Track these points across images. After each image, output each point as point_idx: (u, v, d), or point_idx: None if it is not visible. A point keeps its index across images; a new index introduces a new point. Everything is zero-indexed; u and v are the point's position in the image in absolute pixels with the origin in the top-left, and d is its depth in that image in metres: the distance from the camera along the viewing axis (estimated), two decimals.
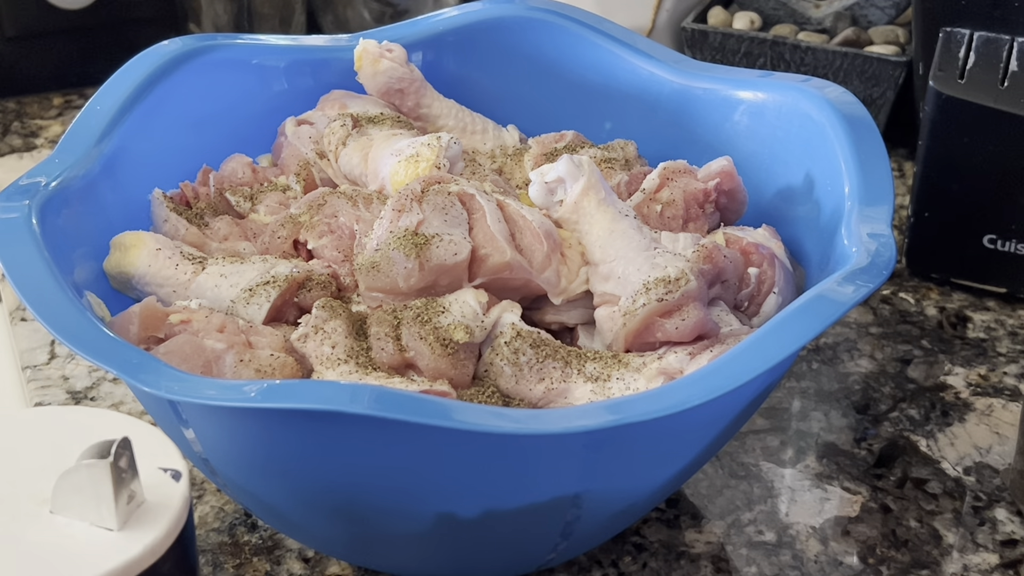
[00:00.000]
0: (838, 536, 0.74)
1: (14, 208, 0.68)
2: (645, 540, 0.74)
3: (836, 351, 0.90)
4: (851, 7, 1.17)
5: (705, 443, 0.66)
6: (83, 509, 0.56)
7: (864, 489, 0.78)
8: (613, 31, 0.90)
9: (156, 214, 0.78)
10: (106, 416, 0.63)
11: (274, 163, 0.86)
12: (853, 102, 0.78)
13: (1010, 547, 0.74)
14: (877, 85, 1.09)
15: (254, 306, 0.71)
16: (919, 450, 0.81)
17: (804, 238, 0.77)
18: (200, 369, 0.66)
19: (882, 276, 0.64)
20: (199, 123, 0.85)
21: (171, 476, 0.59)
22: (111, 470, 0.54)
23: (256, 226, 0.78)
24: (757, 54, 1.13)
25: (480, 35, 0.92)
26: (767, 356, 0.59)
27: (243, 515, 0.75)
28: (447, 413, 0.55)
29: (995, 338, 0.92)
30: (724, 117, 0.84)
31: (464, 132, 0.87)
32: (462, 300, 0.68)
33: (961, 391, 0.86)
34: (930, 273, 0.97)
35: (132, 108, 0.79)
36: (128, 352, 0.60)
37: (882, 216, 0.69)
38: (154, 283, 0.73)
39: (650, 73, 0.87)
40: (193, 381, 0.59)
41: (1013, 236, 0.92)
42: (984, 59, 0.92)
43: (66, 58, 1.25)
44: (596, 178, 0.72)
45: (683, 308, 0.68)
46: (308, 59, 0.89)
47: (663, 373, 0.67)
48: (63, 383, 0.86)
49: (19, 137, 1.18)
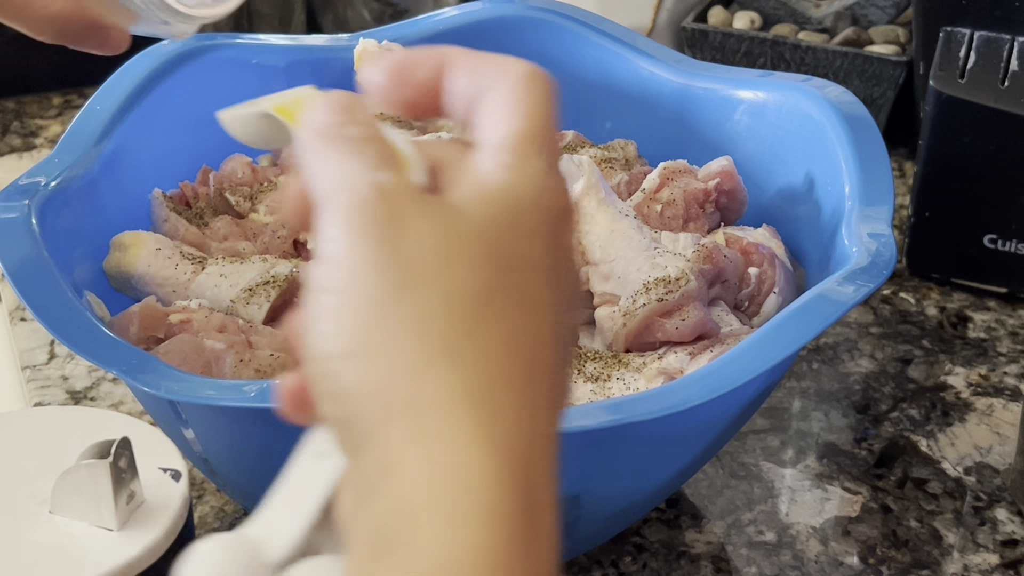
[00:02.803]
0: (838, 536, 0.74)
1: (14, 208, 0.68)
2: (645, 540, 0.74)
3: (836, 351, 0.90)
4: (851, 7, 1.17)
5: (705, 443, 0.66)
6: (83, 509, 0.56)
7: (864, 489, 0.78)
8: (613, 31, 0.90)
9: (156, 214, 0.78)
10: (106, 416, 0.63)
11: (274, 163, 0.86)
12: (853, 102, 0.78)
13: (1011, 547, 0.74)
14: (877, 85, 1.09)
15: (254, 306, 0.71)
16: (919, 450, 0.81)
17: (804, 238, 0.77)
18: (200, 369, 0.66)
19: (882, 276, 0.64)
20: (199, 123, 0.84)
21: (171, 476, 0.59)
22: (111, 470, 0.54)
23: (256, 226, 0.78)
24: (757, 54, 1.13)
25: (480, 35, 0.91)
26: (767, 356, 0.59)
27: (243, 515, 0.75)
28: None
29: (995, 338, 0.92)
30: (724, 117, 0.84)
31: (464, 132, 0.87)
32: None
33: (961, 391, 0.86)
34: (930, 273, 0.97)
35: (132, 108, 0.79)
36: (128, 352, 0.60)
37: (882, 216, 0.69)
38: (154, 283, 0.73)
39: (650, 73, 0.87)
40: (193, 381, 0.59)
41: (1014, 236, 0.92)
42: (984, 59, 0.92)
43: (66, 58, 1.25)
44: (596, 178, 0.72)
45: (683, 308, 0.68)
46: (308, 59, 0.89)
47: (663, 373, 0.67)
48: (63, 383, 0.86)
49: (19, 137, 1.18)
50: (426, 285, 0.35)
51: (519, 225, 0.37)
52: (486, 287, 0.36)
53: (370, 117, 0.39)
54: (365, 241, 0.35)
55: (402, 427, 0.34)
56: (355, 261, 0.35)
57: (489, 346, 0.35)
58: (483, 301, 0.36)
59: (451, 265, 0.36)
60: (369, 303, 0.35)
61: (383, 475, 0.34)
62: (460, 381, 0.34)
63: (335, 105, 0.38)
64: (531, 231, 0.37)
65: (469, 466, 0.33)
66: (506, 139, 0.39)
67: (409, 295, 0.35)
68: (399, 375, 0.34)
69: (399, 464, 0.34)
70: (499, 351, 0.35)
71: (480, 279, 0.36)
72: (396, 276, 0.35)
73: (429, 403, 0.34)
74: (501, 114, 0.39)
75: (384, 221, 0.36)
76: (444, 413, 0.34)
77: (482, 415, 0.34)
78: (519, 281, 0.37)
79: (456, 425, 0.34)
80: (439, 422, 0.34)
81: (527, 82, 0.40)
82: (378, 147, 0.38)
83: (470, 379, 0.35)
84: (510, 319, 0.36)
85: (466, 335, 0.35)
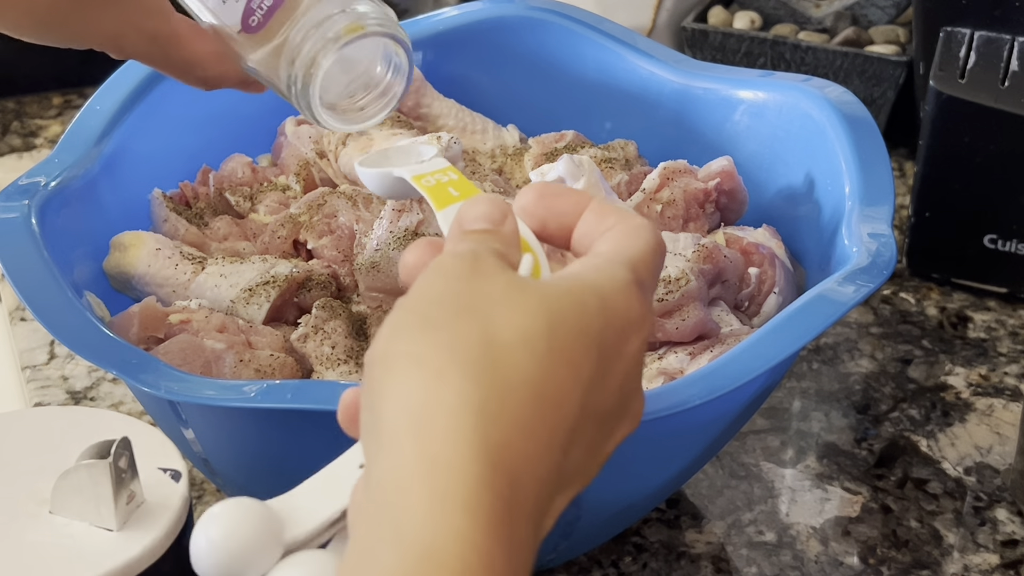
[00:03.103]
0: (838, 536, 0.74)
1: (14, 208, 0.68)
2: (645, 540, 0.74)
3: (836, 351, 0.90)
4: (852, 7, 1.17)
5: (705, 443, 0.66)
6: (83, 509, 0.56)
7: (865, 489, 0.78)
8: (613, 31, 0.90)
9: (156, 214, 0.78)
10: (106, 416, 0.63)
11: (274, 163, 0.86)
12: (854, 102, 0.78)
13: (1011, 547, 0.74)
14: (878, 85, 1.09)
15: (254, 306, 0.71)
16: (920, 450, 0.81)
17: (804, 238, 0.77)
18: (200, 369, 0.66)
19: (882, 276, 0.64)
20: (199, 123, 0.84)
21: (171, 476, 0.59)
22: (111, 470, 0.54)
23: (256, 226, 0.78)
24: (757, 54, 1.13)
25: (480, 35, 0.91)
26: (767, 356, 0.59)
27: None
28: None
29: (996, 338, 0.92)
30: (724, 117, 0.84)
31: (464, 132, 0.87)
32: None
33: (962, 391, 0.86)
34: (931, 273, 0.97)
35: (132, 108, 0.79)
36: (128, 352, 0.60)
37: (882, 216, 0.69)
38: (154, 283, 0.73)
39: (650, 73, 0.87)
40: (193, 381, 0.59)
41: (1014, 236, 0.92)
42: (985, 59, 0.92)
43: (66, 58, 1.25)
44: (596, 178, 0.72)
45: (683, 308, 0.68)
46: None
47: (663, 373, 0.67)
48: (63, 383, 0.86)
49: (19, 137, 1.18)
50: (475, 318, 0.40)
51: (584, 309, 0.42)
52: (533, 334, 0.40)
53: (515, 235, 0.46)
54: (439, 277, 0.42)
55: (411, 427, 0.38)
56: (425, 289, 0.42)
57: (515, 378, 0.39)
58: (525, 342, 0.40)
59: (505, 309, 0.40)
60: (417, 325, 0.40)
61: (388, 470, 0.38)
62: (477, 394, 0.38)
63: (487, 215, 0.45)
64: (595, 315, 0.42)
65: (461, 463, 0.37)
66: (606, 252, 0.45)
67: (457, 322, 0.40)
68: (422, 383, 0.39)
69: (400, 455, 0.38)
70: (523, 388, 0.39)
71: (530, 326, 0.40)
72: (452, 307, 0.41)
73: (440, 406, 0.38)
74: (612, 239, 0.45)
75: (465, 271, 0.42)
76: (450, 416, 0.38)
77: (483, 426, 0.38)
78: (567, 345, 0.41)
79: (457, 430, 0.38)
80: (444, 423, 0.38)
81: (645, 227, 0.46)
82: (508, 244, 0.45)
83: (485, 394, 0.38)
84: (542, 367, 0.40)
85: (494, 363, 0.39)
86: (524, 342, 0.40)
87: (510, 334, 0.40)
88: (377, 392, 0.40)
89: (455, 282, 0.41)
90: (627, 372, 0.43)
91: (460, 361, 0.39)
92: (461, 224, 0.46)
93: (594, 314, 0.42)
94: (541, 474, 0.39)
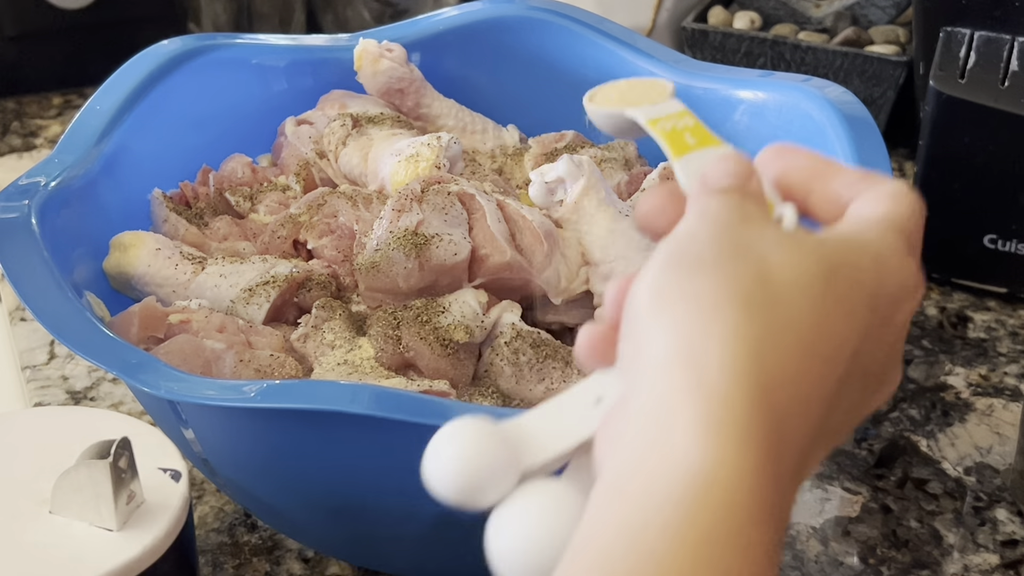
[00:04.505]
0: (838, 536, 0.74)
1: (14, 208, 0.68)
2: None
3: None
4: (851, 7, 1.17)
5: None
6: (83, 509, 0.56)
7: (864, 489, 0.78)
8: (613, 31, 0.90)
9: (156, 214, 0.78)
10: (106, 416, 0.63)
11: (274, 163, 0.86)
12: (854, 102, 0.78)
13: (1011, 547, 0.74)
14: (878, 85, 1.09)
15: (254, 306, 0.71)
16: (919, 450, 0.81)
17: None
18: (200, 369, 0.66)
19: None
20: (199, 123, 0.84)
21: (171, 476, 0.59)
22: (111, 470, 0.54)
23: (256, 226, 0.78)
24: (757, 54, 1.13)
25: (480, 35, 0.91)
26: None
27: (243, 515, 0.75)
28: (447, 413, 0.55)
29: (996, 338, 0.92)
30: (725, 117, 0.84)
31: (464, 132, 0.87)
32: (462, 300, 0.68)
33: (962, 391, 0.86)
34: (930, 273, 0.97)
35: (132, 108, 0.79)
36: (128, 352, 0.60)
37: None
38: (154, 283, 0.73)
39: (650, 73, 0.87)
40: (193, 381, 0.59)
41: (1014, 236, 0.92)
42: (985, 59, 0.92)
43: (66, 58, 1.25)
44: (596, 178, 0.72)
45: None
46: (308, 59, 0.89)
47: None
48: (63, 383, 0.86)
49: (19, 137, 1.18)
50: (750, 258, 0.39)
51: (859, 264, 0.41)
52: (811, 277, 0.39)
53: (761, 192, 0.44)
54: (706, 221, 0.41)
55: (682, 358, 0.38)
56: (693, 231, 0.41)
57: (791, 318, 0.38)
58: (801, 284, 0.39)
59: (780, 251, 0.40)
60: (689, 264, 0.39)
61: (656, 397, 0.38)
62: (752, 331, 0.38)
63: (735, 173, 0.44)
64: (870, 273, 0.41)
65: (734, 395, 0.37)
66: (871, 215, 0.43)
67: (732, 262, 0.39)
68: (697, 316, 0.38)
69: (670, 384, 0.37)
70: (799, 329, 0.38)
71: (808, 268, 0.39)
72: (727, 248, 0.40)
73: (714, 339, 0.37)
74: (875, 201, 0.43)
75: (735, 218, 0.41)
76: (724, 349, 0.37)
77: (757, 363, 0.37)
78: (843, 294, 0.40)
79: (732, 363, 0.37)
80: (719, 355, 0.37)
81: (908, 191, 0.44)
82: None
83: (761, 332, 0.38)
84: (818, 310, 0.39)
85: (770, 301, 0.38)
86: (800, 284, 0.39)
87: (787, 274, 0.39)
88: (644, 325, 0.39)
89: (725, 227, 0.41)
90: (897, 336, 0.43)
91: (736, 297, 0.38)
92: (706, 183, 0.44)
93: (869, 271, 0.41)
94: (806, 422, 0.38)
